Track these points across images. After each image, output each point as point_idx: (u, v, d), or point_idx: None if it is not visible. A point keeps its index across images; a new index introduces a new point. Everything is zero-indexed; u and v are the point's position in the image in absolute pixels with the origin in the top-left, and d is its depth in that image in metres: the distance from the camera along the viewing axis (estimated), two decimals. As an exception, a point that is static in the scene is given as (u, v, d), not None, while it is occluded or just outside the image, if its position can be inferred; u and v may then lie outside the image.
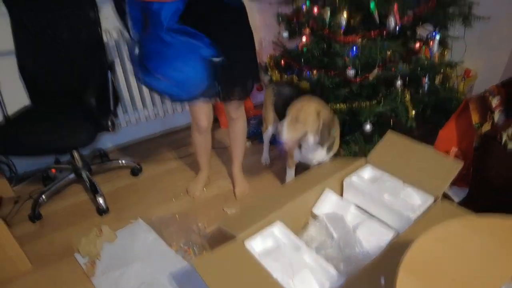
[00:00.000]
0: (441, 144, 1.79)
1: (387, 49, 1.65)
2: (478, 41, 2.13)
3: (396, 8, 1.60)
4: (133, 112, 2.26)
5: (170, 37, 1.26)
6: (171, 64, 1.29)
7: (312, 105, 1.43)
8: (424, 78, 1.84)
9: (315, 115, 1.42)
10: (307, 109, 1.42)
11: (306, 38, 1.82)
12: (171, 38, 1.26)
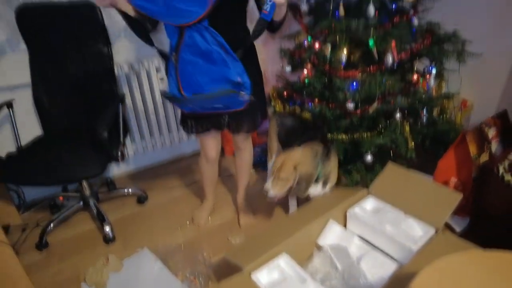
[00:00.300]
0: (440, 174, 1.84)
1: (386, 83, 1.73)
2: (473, 73, 2.22)
3: (393, 45, 1.70)
4: (140, 141, 2.32)
5: (207, 43, 1.22)
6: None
7: (291, 161, 1.44)
8: (423, 111, 1.91)
9: (293, 170, 1.43)
10: (286, 165, 1.44)
11: (308, 72, 1.91)
12: (208, 45, 1.22)
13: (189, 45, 1.23)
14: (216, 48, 1.22)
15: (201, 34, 1.21)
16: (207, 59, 1.23)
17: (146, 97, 2.22)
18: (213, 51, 1.22)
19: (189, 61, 1.24)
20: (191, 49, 1.23)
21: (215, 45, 1.22)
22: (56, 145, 1.81)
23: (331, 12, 1.77)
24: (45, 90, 1.88)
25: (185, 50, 1.24)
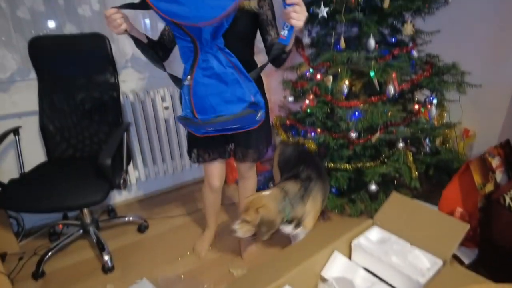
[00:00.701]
0: (446, 204, 1.81)
1: (388, 113, 1.75)
2: (473, 103, 2.25)
3: (394, 76, 1.74)
4: (143, 168, 2.33)
5: (221, 65, 1.22)
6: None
7: (255, 203, 1.41)
8: (425, 140, 1.92)
9: (256, 213, 1.40)
10: (251, 208, 1.41)
11: (310, 102, 1.94)
12: (223, 67, 1.22)
13: (203, 68, 1.23)
14: (230, 70, 1.23)
15: (215, 56, 1.21)
16: (221, 80, 1.23)
17: (150, 125, 2.24)
18: (227, 73, 1.22)
19: (203, 83, 1.24)
20: (206, 72, 1.23)
21: (229, 66, 1.23)
22: (59, 172, 1.81)
23: (333, 44, 1.83)
24: (51, 117, 1.91)
25: (199, 73, 1.23)
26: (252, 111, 1.26)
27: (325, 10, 1.71)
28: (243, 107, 1.24)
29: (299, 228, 1.53)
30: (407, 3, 1.69)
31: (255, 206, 1.40)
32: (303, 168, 1.59)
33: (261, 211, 1.39)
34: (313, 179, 1.55)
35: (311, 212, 1.52)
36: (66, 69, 1.89)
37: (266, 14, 1.42)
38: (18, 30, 1.81)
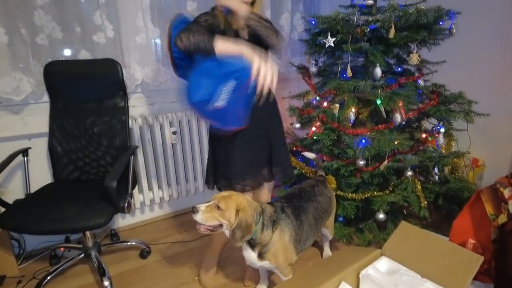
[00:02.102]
0: (457, 235, 1.75)
1: (395, 141, 1.74)
2: (481, 133, 2.24)
3: (401, 104, 1.74)
4: (148, 193, 2.31)
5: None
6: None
7: (238, 201, 1.34)
8: (433, 169, 1.90)
9: (235, 211, 1.33)
10: (232, 201, 1.34)
11: (316, 129, 1.95)
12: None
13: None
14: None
15: None
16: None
17: (157, 150, 2.26)
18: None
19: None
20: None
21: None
22: (64, 194, 1.81)
23: (339, 73, 1.86)
24: (60, 139, 1.93)
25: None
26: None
27: (332, 40, 1.76)
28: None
29: (263, 261, 1.43)
30: (413, 34, 1.73)
31: (234, 204, 1.33)
32: (288, 202, 1.54)
33: (241, 214, 1.32)
34: (288, 215, 1.48)
35: (276, 245, 1.41)
36: (78, 93, 1.94)
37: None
38: (36, 55, 1.88)
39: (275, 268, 1.48)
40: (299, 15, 2.57)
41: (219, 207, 1.32)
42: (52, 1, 1.84)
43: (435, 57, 1.99)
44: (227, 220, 1.33)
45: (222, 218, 1.33)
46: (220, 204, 1.32)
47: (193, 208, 1.34)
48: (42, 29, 1.85)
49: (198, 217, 1.33)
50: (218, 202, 1.33)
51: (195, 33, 1.26)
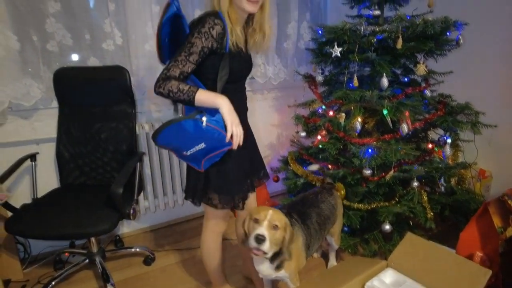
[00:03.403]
0: (464, 247, 1.73)
1: (401, 151, 1.74)
2: (489, 144, 2.22)
3: (407, 114, 1.74)
4: (153, 199, 2.32)
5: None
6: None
7: (280, 215, 1.29)
8: (440, 180, 1.88)
9: (284, 225, 1.29)
10: (280, 216, 1.28)
11: (322, 138, 1.95)
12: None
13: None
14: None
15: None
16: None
17: (163, 156, 2.27)
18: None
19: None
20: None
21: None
22: (70, 199, 1.82)
23: (345, 83, 1.87)
24: (67, 145, 1.95)
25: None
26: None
27: (339, 50, 1.77)
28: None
29: (280, 271, 1.39)
30: (419, 44, 1.73)
31: (283, 219, 1.27)
32: (292, 208, 1.53)
33: (289, 228, 1.28)
34: (296, 220, 1.46)
35: (293, 252, 1.38)
36: (87, 99, 1.96)
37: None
38: (46, 62, 1.91)
39: (287, 277, 1.45)
40: (306, 24, 2.59)
41: (276, 226, 1.25)
42: (63, 9, 1.87)
43: (442, 67, 1.98)
44: (280, 237, 1.26)
45: (277, 237, 1.26)
46: (277, 222, 1.25)
47: (257, 238, 1.20)
48: (53, 36, 1.88)
49: (266, 247, 1.21)
50: (274, 221, 1.25)
51: (178, 83, 1.21)
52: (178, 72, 1.22)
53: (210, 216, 1.55)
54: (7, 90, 1.82)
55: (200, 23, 1.21)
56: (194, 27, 1.23)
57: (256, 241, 1.21)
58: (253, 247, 1.23)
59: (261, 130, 2.67)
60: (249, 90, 2.58)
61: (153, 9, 2.03)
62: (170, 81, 1.21)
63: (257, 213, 1.26)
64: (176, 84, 1.21)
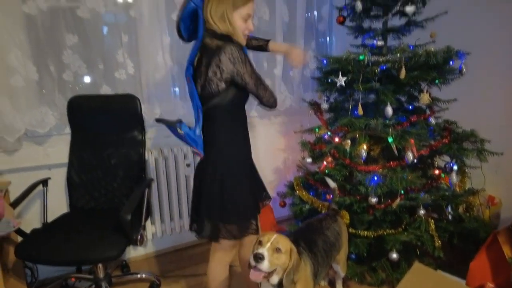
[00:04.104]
0: (474, 278, 1.70)
1: (408, 179, 1.74)
2: (496, 170, 2.20)
3: (412, 142, 1.76)
4: (160, 224, 2.34)
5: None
6: None
7: (286, 240, 1.29)
8: (447, 208, 1.87)
9: (289, 251, 1.28)
10: (285, 241, 1.28)
11: (328, 164, 1.97)
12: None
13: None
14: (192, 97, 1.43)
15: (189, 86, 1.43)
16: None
17: (171, 181, 2.30)
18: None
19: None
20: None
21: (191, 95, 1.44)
22: (78, 224, 1.84)
23: (350, 110, 1.90)
24: (78, 170, 2.00)
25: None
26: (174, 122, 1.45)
27: (343, 79, 1.81)
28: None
29: None
30: (423, 74, 1.77)
31: (288, 244, 1.28)
32: (299, 235, 1.53)
33: (293, 254, 1.27)
34: (304, 248, 1.45)
35: (301, 279, 1.36)
36: (99, 126, 2.02)
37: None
38: (62, 90, 1.99)
39: None
40: (311, 53, 2.66)
41: (279, 249, 1.24)
42: (80, 41, 1.97)
43: (447, 94, 2.00)
44: (283, 262, 1.26)
45: (279, 261, 1.25)
46: (280, 246, 1.25)
47: (255, 256, 1.20)
48: (69, 66, 1.98)
49: (264, 266, 1.21)
50: (277, 243, 1.25)
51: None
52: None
53: (219, 247, 1.52)
54: (25, 118, 1.90)
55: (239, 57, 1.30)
56: (234, 61, 1.30)
57: (254, 259, 1.22)
58: (252, 265, 1.23)
59: (268, 155, 2.70)
60: (256, 116, 2.65)
61: (164, 41, 2.13)
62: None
63: (262, 236, 1.29)
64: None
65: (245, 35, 1.42)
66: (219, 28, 1.34)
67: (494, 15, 2.18)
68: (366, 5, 1.91)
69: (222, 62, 1.29)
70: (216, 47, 1.31)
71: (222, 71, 1.30)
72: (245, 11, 1.36)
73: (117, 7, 2.04)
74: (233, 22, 1.35)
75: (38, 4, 1.83)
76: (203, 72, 1.34)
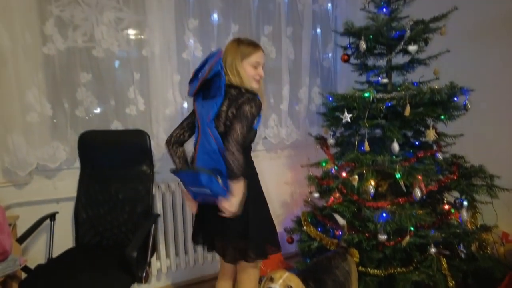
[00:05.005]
0: (492, 322, 1.62)
1: (417, 215, 1.71)
2: (508, 206, 2.16)
3: (420, 178, 1.74)
4: (165, 260, 2.30)
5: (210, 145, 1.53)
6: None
7: (297, 279, 1.36)
8: (459, 246, 1.82)
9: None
10: (296, 279, 1.36)
11: (336, 200, 1.95)
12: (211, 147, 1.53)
13: (201, 145, 1.53)
14: (216, 150, 1.48)
15: (207, 139, 1.49)
16: (210, 157, 1.49)
17: (177, 217, 2.29)
18: (214, 152, 1.48)
19: (200, 157, 1.53)
20: (202, 149, 1.53)
21: (216, 148, 1.48)
22: (83, 260, 1.82)
23: (357, 146, 1.91)
24: (86, 205, 2.00)
25: (199, 149, 1.54)
26: (211, 171, 1.45)
27: (349, 116, 1.84)
28: (209, 167, 1.48)
29: None
30: (428, 111, 1.79)
31: (299, 284, 1.33)
32: (307, 274, 1.53)
33: None
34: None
35: None
36: (108, 160, 2.05)
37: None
38: (73, 126, 2.05)
39: None
40: (316, 89, 2.72)
41: (290, 286, 1.32)
42: (93, 78, 2.05)
43: (453, 129, 2.00)
44: None
45: None
46: (292, 284, 1.32)
47: None
48: (81, 102, 2.05)
49: None
50: (289, 281, 1.32)
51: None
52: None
53: (249, 266, 1.60)
54: (37, 152, 1.94)
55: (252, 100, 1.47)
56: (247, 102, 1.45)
57: None
58: None
59: (275, 188, 2.68)
60: (262, 149, 2.67)
61: (174, 78, 2.20)
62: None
63: (274, 273, 1.34)
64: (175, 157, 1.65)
65: (256, 80, 1.56)
66: (230, 78, 1.49)
67: (495, 51, 2.24)
68: (369, 44, 1.97)
69: (242, 108, 1.44)
70: (238, 93, 1.48)
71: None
72: (254, 59, 1.53)
73: (130, 47, 2.13)
74: (241, 73, 1.50)
75: (57, 45, 1.94)
76: (223, 112, 1.48)
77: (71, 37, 1.97)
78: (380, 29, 1.91)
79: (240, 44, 1.54)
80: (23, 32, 1.83)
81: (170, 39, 2.15)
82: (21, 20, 1.82)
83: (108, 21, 2.02)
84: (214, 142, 1.47)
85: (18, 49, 1.82)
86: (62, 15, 1.95)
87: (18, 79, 1.84)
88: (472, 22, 2.31)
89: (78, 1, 1.96)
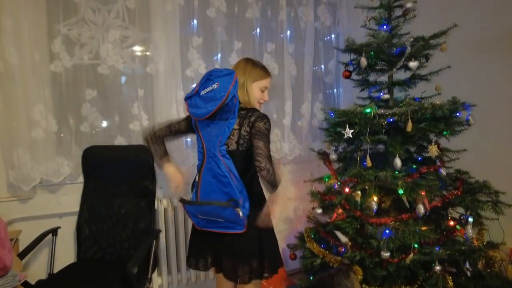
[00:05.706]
0: None
1: (421, 232, 1.68)
2: (515, 222, 2.12)
3: (424, 194, 1.72)
4: (166, 276, 2.27)
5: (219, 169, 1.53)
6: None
7: None
8: (465, 263, 1.78)
9: None
10: None
11: (339, 216, 1.93)
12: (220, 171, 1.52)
13: (208, 168, 1.52)
14: (226, 173, 1.47)
15: (216, 162, 1.49)
16: (218, 180, 1.48)
17: (179, 232, 2.27)
18: (224, 175, 1.47)
19: (207, 180, 1.52)
20: (209, 172, 1.51)
21: (226, 171, 1.47)
22: (84, 276, 1.81)
23: (359, 161, 1.90)
24: (89, 220, 2.01)
25: (205, 172, 1.52)
26: (231, 204, 1.43)
27: (351, 132, 1.84)
28: (226, 199, 1.46)
29: None
30: (430, 126, 1.78)
31: None
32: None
33: None
34: None
35: None
36: (111, 176, 2.06)
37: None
38: (78, 141, 2.08)
39: None
40: (319, 105, 2.74)
41: None
42: (98, 95, 2.09)
43: (457, 144, 1.98)
44: None
45: None
46: None
47: None
48: (86, 118, 2.08)
49: None
50: None
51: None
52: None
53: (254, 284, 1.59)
54: (41, 168, 1.96)
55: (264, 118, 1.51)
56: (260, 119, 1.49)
57: None
58: None
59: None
60: (265, 165, 2.66)
61: (178, 95, 2.23)
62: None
63: None
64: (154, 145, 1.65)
65: (260, 103, 1.64)
66: (239, 97, 1.53)
67: (497, 66, 2.24)
68: (370, 60, 1.99)
69: (257, 126, 1.48)
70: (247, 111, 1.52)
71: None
72: (263, 84, 1.60)
73: (134, 64, 2.18)
74: (250, 91, 1.56)
75: (64, 63, 1.99)
76: (235, 131, 1.51)
77: (78, 54, 2.03)
78: (381, 45, 1.93)
79: (254, 66, 1.59)
80: (32, 51, 1.88)
81: (174, 56, 2.20)
82: (31, 39, 1.87)
83: (113, 39, 2.07)
84: (224, 166, 1.47)
85: (26, 66, 1.87)
86: (69, 34, 2.00)
87: (26, 95, 1.89)
88: (473, 38, 2.33)
89: (85, 20, 2.02)
